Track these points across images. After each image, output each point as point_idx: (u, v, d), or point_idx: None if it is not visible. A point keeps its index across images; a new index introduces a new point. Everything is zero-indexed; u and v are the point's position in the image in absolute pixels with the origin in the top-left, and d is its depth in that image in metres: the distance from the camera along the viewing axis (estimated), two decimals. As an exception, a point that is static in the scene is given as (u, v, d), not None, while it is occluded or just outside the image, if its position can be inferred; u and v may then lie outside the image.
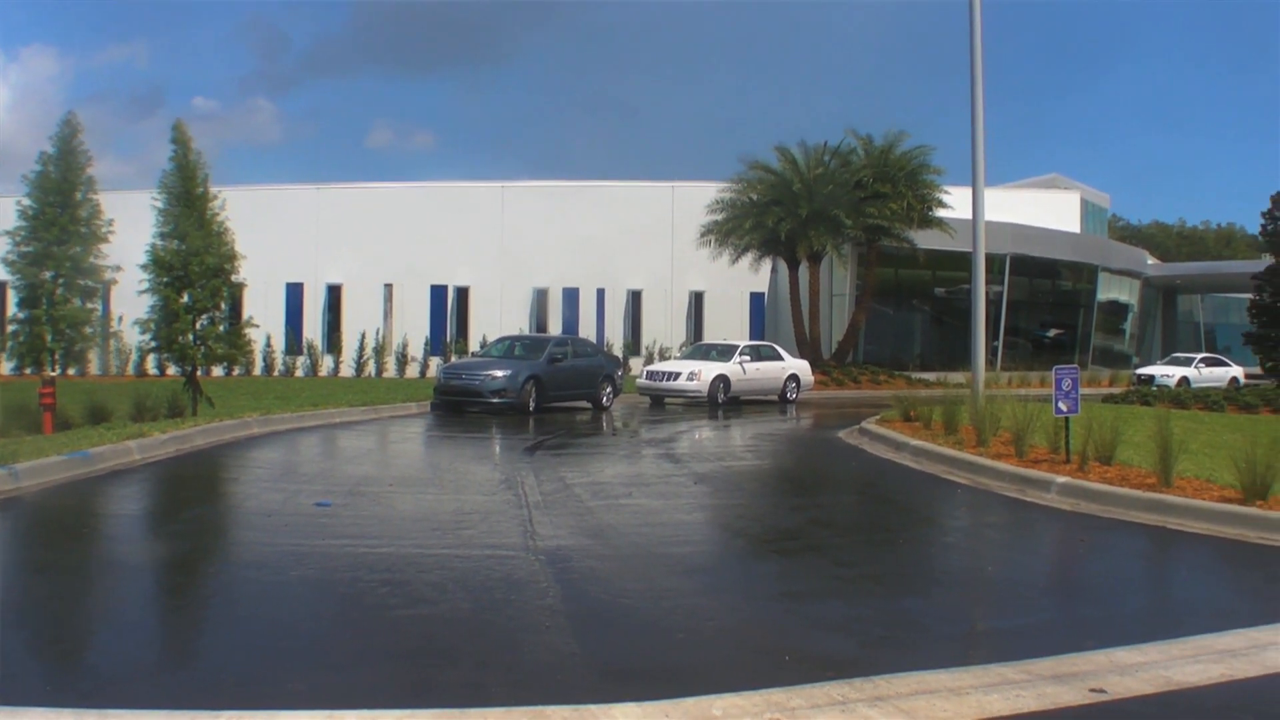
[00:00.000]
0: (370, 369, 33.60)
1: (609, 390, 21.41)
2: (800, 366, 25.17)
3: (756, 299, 36.59)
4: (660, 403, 23.03)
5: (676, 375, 22.73)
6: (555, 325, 34.59)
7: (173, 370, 18.21)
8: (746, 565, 7.36)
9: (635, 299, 36.26)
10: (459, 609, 5.70)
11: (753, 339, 30.20)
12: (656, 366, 24.56)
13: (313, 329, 34.36)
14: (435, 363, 32.00)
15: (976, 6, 15.81)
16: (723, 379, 22.64)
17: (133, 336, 22.73)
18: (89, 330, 14.28)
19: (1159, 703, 4.31)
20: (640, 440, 15.95)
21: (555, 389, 20.02)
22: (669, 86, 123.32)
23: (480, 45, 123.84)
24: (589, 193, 36.09)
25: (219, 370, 22.59)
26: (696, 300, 36.41)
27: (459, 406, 19.19)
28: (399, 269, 34.08)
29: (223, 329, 15.49)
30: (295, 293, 34.21)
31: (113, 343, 28.62)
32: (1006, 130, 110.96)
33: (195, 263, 14.61)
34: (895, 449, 13.19)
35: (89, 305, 14.37)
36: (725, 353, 23.76)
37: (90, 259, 13.94)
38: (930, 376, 30.44)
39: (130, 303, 17.10)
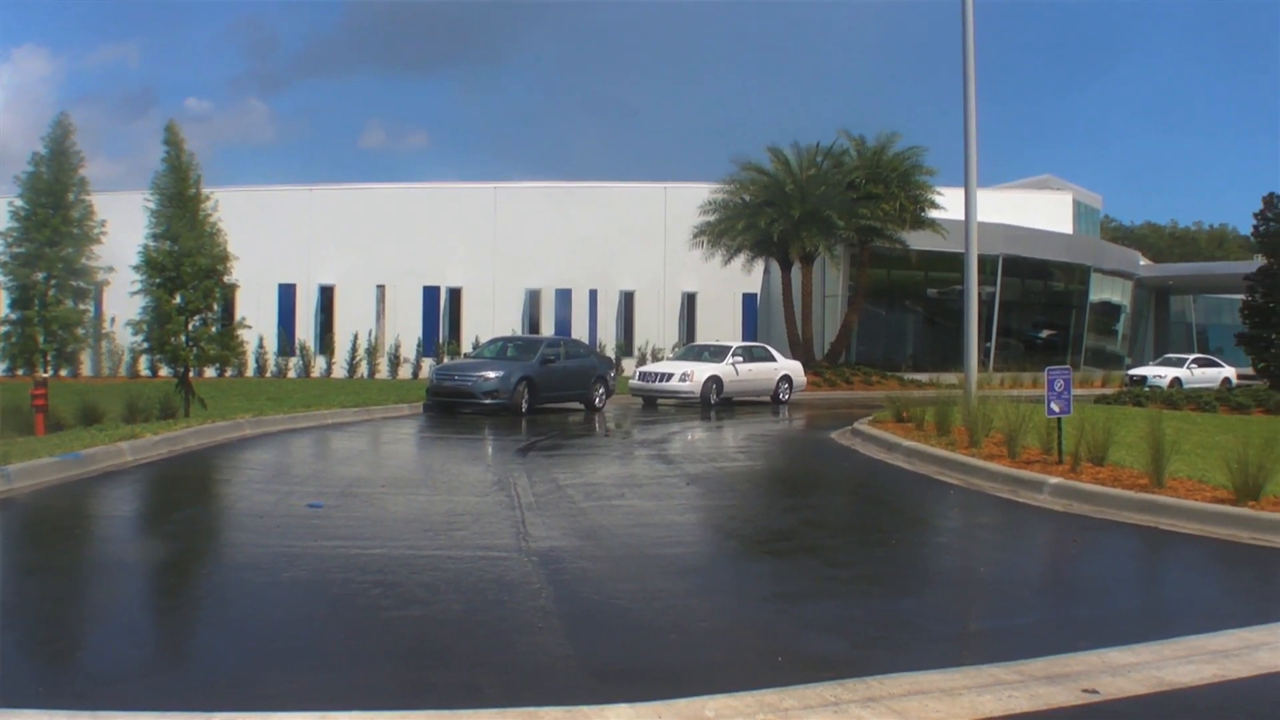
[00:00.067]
0: (363, 370, 33.53)
1: (602, 391, 21.42)
2: (793, 367, 25.17)
3: (749, 300, 36.62)
4: (653, 404, 23.02)
5: (669, 376, 22.71)
6: (548, 326, 34.53)
7: (165, 371, 18.20)
8: (739, 566, 7.38)
9: (628, 300, 36.28)
10: (452, 610, 5.70)
11: (745, 340, 30.24)
12: (649, 367, 24.55)
13: (305, 330, 34.26)
14: (428, 364, 32.03)
15: (969, 7, 15.88)
16: (715, 380, 22.65)
17: (125, 338, 22.59)
18: (81, 331, 14.26)
19: (1151, 703, 4.32)
20: (633, 441, 15.95)
21: (548, 390, 20.03)
22: (665, 87, 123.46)
23: (475, 45, 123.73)
24: (582, 194, 36.09)
25: (211, 371, 22.58)
26: (689, 301, 36.45)
27: (451, 407, 19.18)
28: (391, 270, 34.06)
29: (215, 330, 15.45)
30: (288, 294, 34.12)
31: (105, 344, 28.48)
32: (1000, 131, 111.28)
33: (188, 264, 14.59)
34: (888, 450, 13.20)
35: (81, 306, 14.37)
36: (718, 354, 23.77)
37: (83, 260, 13.92)
38: (923, 377, 30.52)
39: (123, 304, 17.09)
